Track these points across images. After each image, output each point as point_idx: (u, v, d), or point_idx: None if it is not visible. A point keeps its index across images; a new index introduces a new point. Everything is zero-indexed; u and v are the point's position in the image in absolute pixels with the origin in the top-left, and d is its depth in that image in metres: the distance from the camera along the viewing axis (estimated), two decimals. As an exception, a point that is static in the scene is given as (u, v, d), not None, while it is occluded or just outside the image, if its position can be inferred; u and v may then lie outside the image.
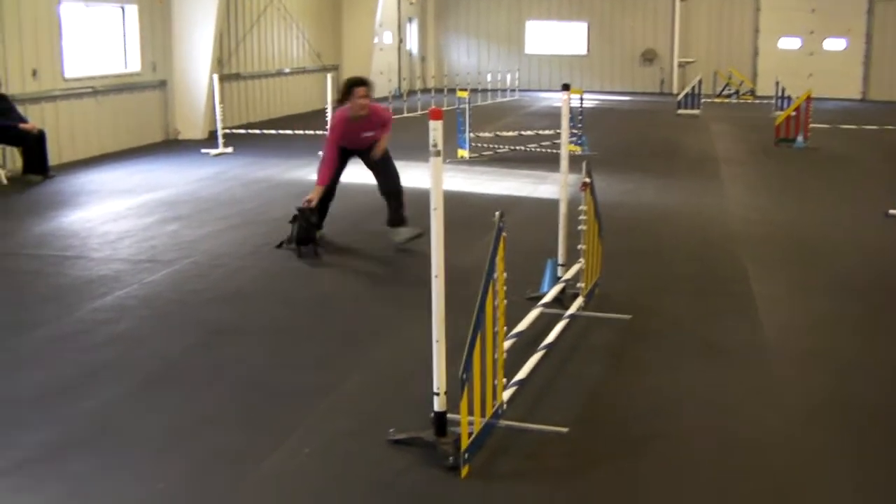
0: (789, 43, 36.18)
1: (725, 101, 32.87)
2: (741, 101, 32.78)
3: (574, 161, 8.53)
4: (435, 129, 4.68)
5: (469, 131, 16.92)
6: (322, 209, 10.18)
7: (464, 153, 16.82)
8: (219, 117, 17.65)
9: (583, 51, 37.16)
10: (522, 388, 5.84)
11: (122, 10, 18.19)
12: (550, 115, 23.10)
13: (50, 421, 5.47)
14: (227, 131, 18.12)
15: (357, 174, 11.09)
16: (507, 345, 5.72)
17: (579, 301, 7.51)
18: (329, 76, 18.43)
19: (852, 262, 9.89)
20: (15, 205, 12.68)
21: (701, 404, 5.87)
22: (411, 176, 14.38)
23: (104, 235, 10.57)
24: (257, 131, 19.64)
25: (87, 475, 4.82)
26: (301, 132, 18.85)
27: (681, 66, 36.26)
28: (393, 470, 4.86)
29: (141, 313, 7.66)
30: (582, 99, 18.46)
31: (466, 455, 4.77)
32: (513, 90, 33.41)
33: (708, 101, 29.92)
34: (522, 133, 19.44)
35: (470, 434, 4.80)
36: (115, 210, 12.06)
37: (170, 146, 18.57)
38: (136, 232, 10.76)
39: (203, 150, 17.46)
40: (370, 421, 5.45)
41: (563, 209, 7.87)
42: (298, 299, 8.18)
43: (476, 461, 4.88)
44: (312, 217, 9.68)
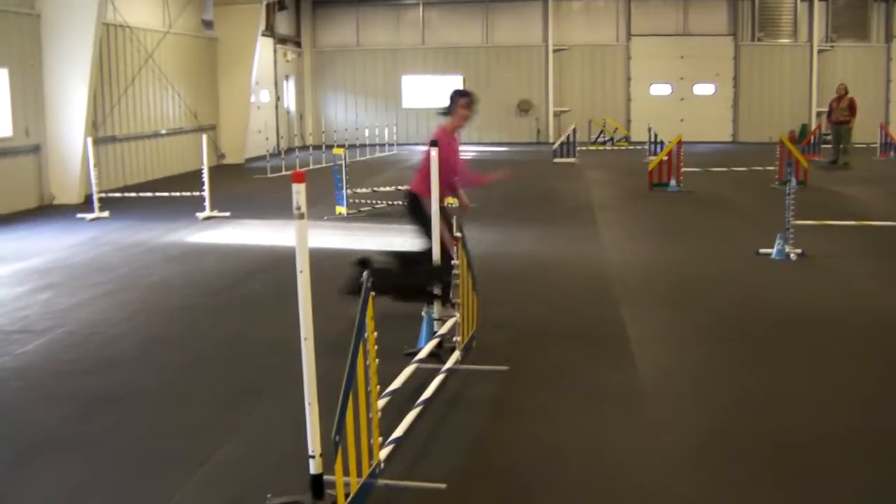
0: (661, 89, 37.15)
1: (601, 148, 33.50)
2: (616, 148, 33.45)
3: (452, 214, 8.60)
4: (298, 192, 4.65)
5: (346, 188, 16.95)
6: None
7: (342, 210, 16.85)
8: (94, 181, 17.39)
9: (459, 103, 37.56)
10: (401, 446, 5.84)
11: (-8, 74, 17.91)
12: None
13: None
14: (103, 195, 17.86)
15: (226, 235, 11.01)
16: (382, 403, 5.73)
17: (456, 354, 7.56)
18: (205, 136, 18.32)
19: (725, 302, 10.14)
20: None
21: (581, 452, 5.94)
22: (286, 236, 14.40)
23: (-27, 308, 10.33)
24: (133, 194, 19.40)
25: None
26: (178, 194, 18.67)
27: (556, 115, 36.91)
28: (270, 536, 4.83)
29: (14, 385, 7.49)
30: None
31: (344, 517, 4.77)
32: (391, 145, 33.60)
33: (584, 148, 30.47)
34: (400, 188, 19.52)
35: (347, 495, 4.80)
36: (-15, 281, 11.80)
37: (44, 212, 18.23)
38: (8, 302, 10.52)
39: (79, 215, 17.17)
40: (249, 486, 5.40)
41: (435, 263, 7.93)
42: (176, 364, 8.07)
43: (354, 522, 4.88)
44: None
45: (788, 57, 37.53)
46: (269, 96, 33.76)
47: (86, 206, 18.11)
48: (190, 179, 21.58)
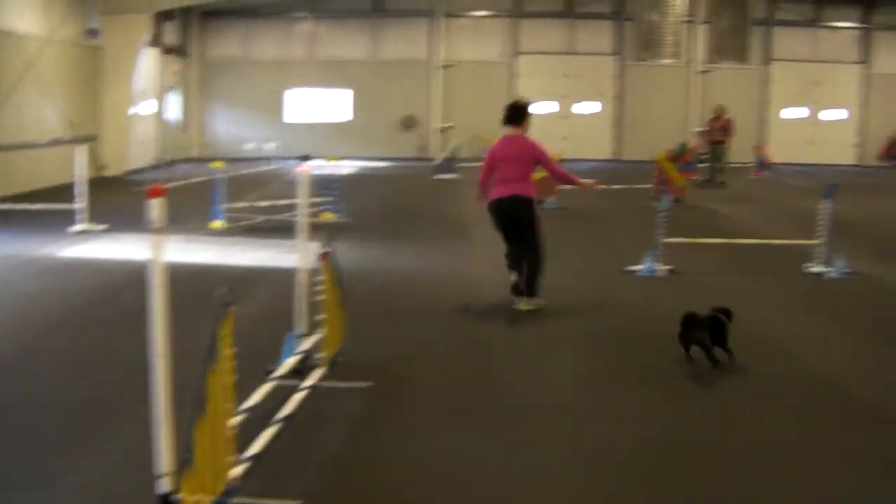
0: (546, 107, 37.57)
1: (479, 164, 33.60)
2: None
3: (327, 229, 8.65)
4: (155, 207, 4.66)
5: (224, 202, 16.84)
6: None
7: (218, 224, 16.74)
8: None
9: (347, 117, 37.54)
10: (258, 464, 5.83)
11: None
12: (312, 183, 23.18)
13: None
14: (-27, 207, 17.45)
15: (100, 248, 10.82)
16: (238, 420, 5.73)
17: (320, 371, 7.58)
18: (82, 147, 18.00)
19: (592, 318, 10.34)
20: None
21: (446, 469, 6.01)
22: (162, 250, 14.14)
23: None
24: (5, 206, 18.92)
25: None
26: (52, 206, 18.26)
27: (441, 131, 37.12)
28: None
29: None
30: (338, 166, 18.62)
31: (192, 536, 4.76)
32: (275, 158, 33.44)
33: (466, 165, 30.63)
34: (277, 203, 19.39)
35: (196, 514, 4.79)
36: None
37: None
38: None
39: (-54, 229, 16.75)
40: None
41: (302, 279, 7.93)
42: (38, 381, 7.89)
43: (202, 541, 4.87)
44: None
45: (671, 77, 38.38)
46: (154, 107, 33.33)
47: (-45, 219, 17.68)
48: (68, 191, 21.17)
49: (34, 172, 23.91)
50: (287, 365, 7.44)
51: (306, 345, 7.83)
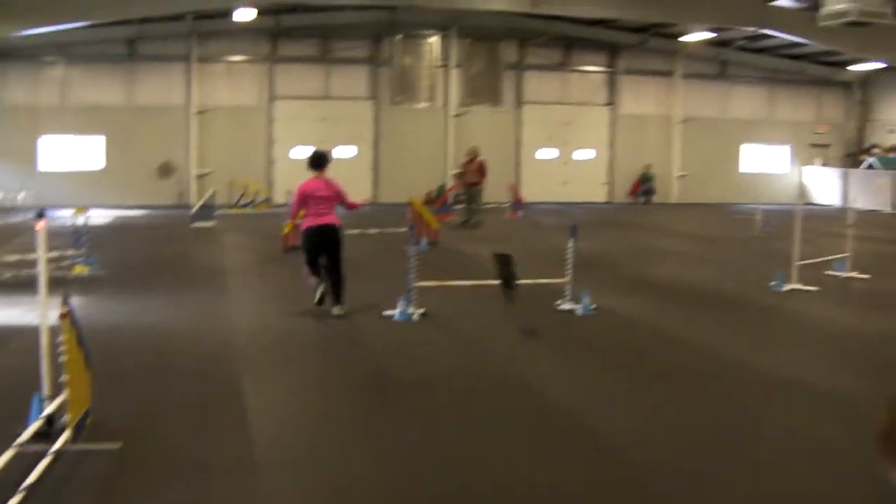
0: (303, 152, 37.49)
1: (242, 211, 33.39)
2: (257, 211, 33.48)
3: (77, 284, 8.44)
4: None
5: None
6: None
7: (-43, 280, 16.05)
8: None
9: (100, 165, 36.50)
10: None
11: None
12: (64, 235, 22.48)
13: None
14: None
15: None
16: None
17: (66, 434, 7.39)
18: None
19: (345, 364, 10.46)
20: None
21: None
22: None
23: None
24: None
25: None
26: None
27: (199, 177, 36.65)
28: None
29: None
30: (90, 216, 18.11)
31: None
32: (27, 209, 32.20)
33: (224, 211, 30.39)
34: (27, 257, 18.70)
35: None
36: None
37: None
38: None
39: None
40: None
41: (43, 340, 7.73)
42: None
43: None
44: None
45: (426, 120, 39.10)
46: None
47: None
48: None
49: None
50: (31, 429, 7.22)
51: (52, 407, 7.63)
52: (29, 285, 15.88)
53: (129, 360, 10.53)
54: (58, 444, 7.22)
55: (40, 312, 7.77)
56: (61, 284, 13.11)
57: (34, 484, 6.44)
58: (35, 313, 13.39)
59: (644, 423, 8.41)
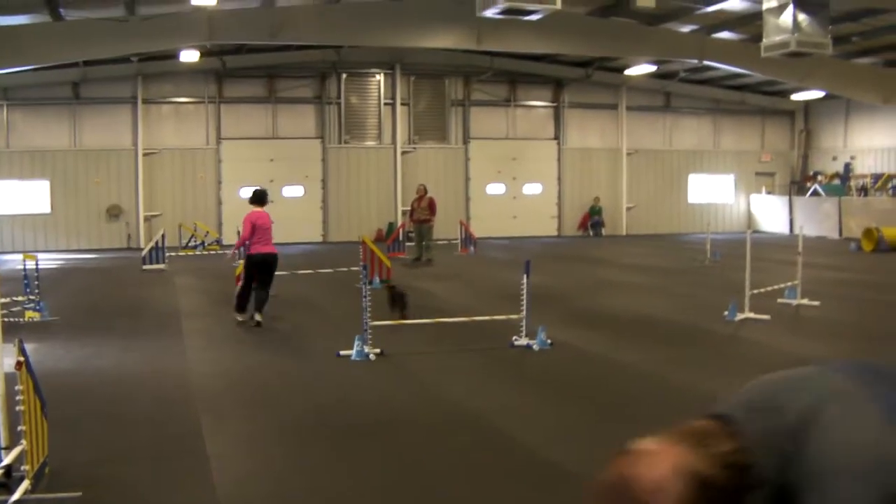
0: (251, 192, 37.38)
1: (191, 252, 33.19)
2: (207, 252, 33.30)
3: (31, 330, 8.35)
4: None
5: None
6: None
7: None
8: None
9: (46, 209, 36.12)
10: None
11: None
12: (11, 280, 22.23)
13: None
14: None
15: None
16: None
17: (25, 484, 7.30)
18: None
19: (305, 405, 10.40)
20: None
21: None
22: None
23: None
24: None
25: None
26: None
27: (147, 220, 36.43)
28: None
29: None
30: (37, 262, 17.89)
31: None
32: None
33: (174, 254, 30.20)
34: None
35: None
36: None
37: None
38: None
39: None
40: None
41: None
42: None
43: None
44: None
45: (374, 158, 39.23)
46: None
47: None
48: None
49: None
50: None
51: (10, 458, 7.54)
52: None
53: (86, 407, 10.41)
54: (17, 494, 7.13)
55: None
56: (13, 330, 12.93)
57: (-6, 536, 6.37)
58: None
59: (605, 455, 8.43)
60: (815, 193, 41.06)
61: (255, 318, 15.83)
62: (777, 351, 13.48)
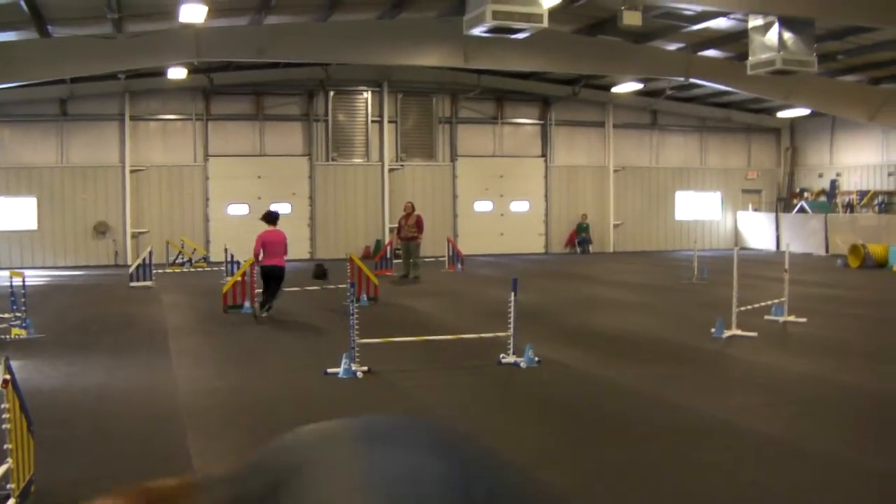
0: (238, 209, 37.50)
1: (179, 269, 33.13)
2: (195, 269, 33.27)
3: (17, 347, 8.33)
4: None
5: None
6: None
7: None
8: None
9: (33, 226, 36.03)
10: None
11: None
12: (-2, 297, 22.19)
13: None
14: None
15: None
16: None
17: (11, 503, 7.28)
18: None
19: (290, 423, 10.29)
20: None
21: None
22: None
23: None
24: None
25: None
26: None
27: (134, 236, 36.37)
28: None
29: None
30: (24, 279, 17.82)
31: None
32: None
33: (161, 271, 30.11)
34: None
35: None
36: None
37: None
38: None
39: None
40: None
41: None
42: None
43: None
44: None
45: (362, 176, 39.24)
46: None
47: None
48: None
49: None
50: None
51: (-5, 476, 7.53)
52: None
53: (72, 425, 10.38)
54: (3, 513, 7.12)
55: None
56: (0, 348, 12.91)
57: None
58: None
59: (594, 475, 8.46)
60: (801, 210, 41.20)
61: (263, 313, 19.18)
62: (764, 368, 13.51)
